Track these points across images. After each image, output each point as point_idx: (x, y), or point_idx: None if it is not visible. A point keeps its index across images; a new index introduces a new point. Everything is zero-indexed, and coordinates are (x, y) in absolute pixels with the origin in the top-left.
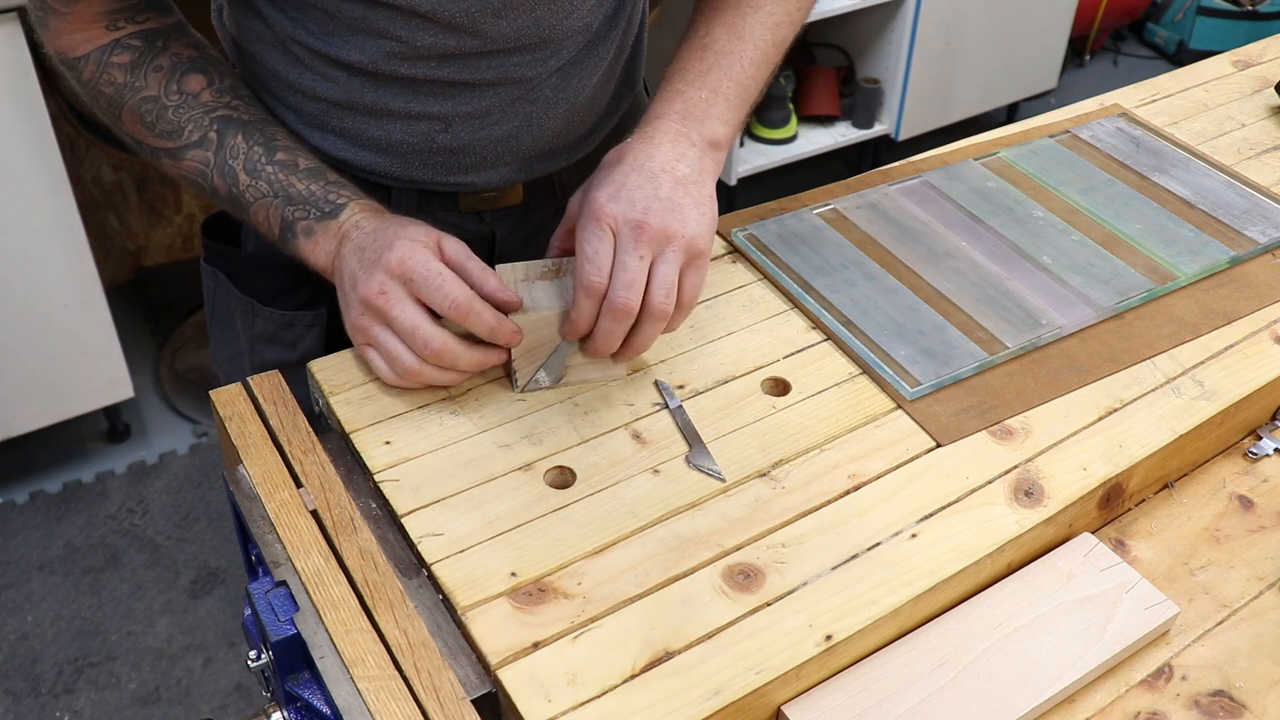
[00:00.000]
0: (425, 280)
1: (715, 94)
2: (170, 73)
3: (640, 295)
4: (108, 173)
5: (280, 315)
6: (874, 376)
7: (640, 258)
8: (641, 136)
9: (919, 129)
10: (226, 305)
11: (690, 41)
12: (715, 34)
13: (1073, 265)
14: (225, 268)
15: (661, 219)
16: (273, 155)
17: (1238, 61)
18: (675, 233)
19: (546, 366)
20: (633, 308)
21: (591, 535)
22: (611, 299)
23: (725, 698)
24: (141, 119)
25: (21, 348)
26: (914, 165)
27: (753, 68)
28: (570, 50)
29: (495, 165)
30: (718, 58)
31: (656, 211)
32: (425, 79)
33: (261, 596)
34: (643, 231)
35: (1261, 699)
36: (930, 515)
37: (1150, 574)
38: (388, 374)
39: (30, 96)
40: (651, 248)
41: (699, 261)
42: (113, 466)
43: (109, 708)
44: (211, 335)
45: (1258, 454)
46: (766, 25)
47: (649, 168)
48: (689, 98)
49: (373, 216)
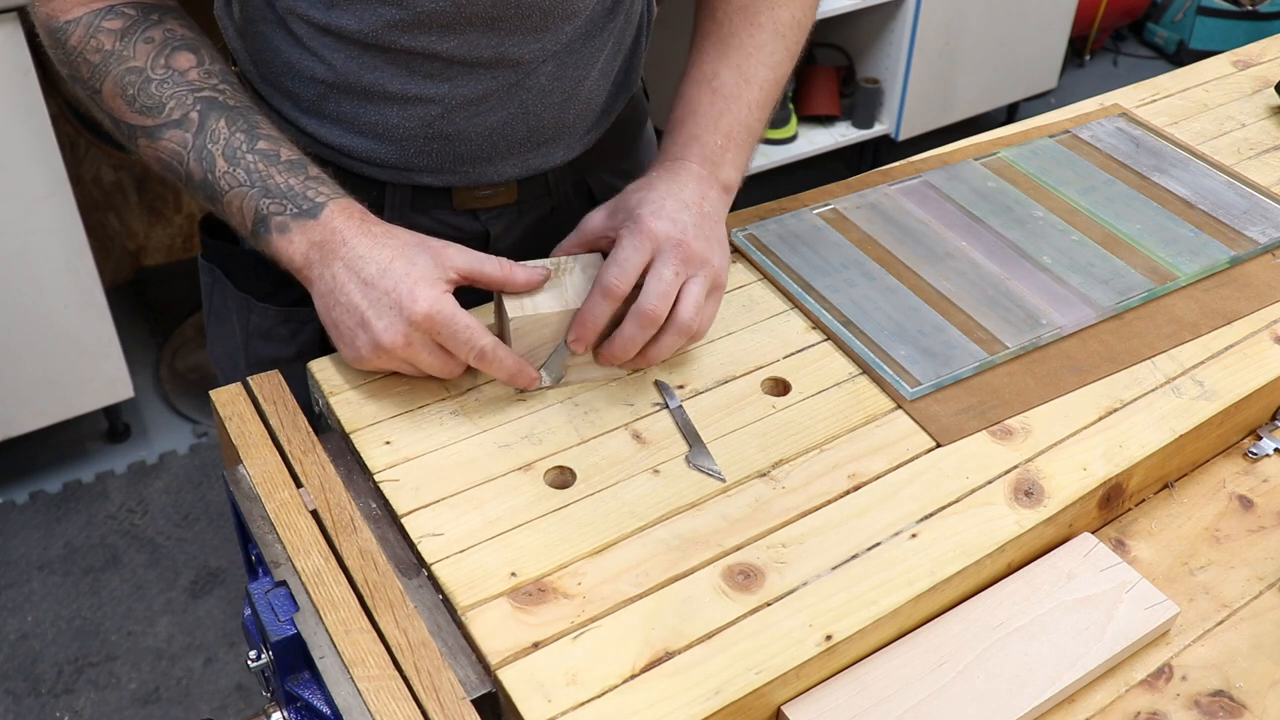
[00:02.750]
0: (453, 335)
1: (729, 140)
2: (161, 46)
3: (669, 307)
4: (108, 173)
5: (275, 311)
6: (874, 376)
7: (676, 274)
8: (668, 172)
9: (919, 129)
10: (223, 301)
11: (698, 83)
12: (723, 76)
13: (1073, 265)
14: (222, 264)
15: (700, 244)
16: (254, 143)
17: (1238, 61)
18: (708, 259)
19: (547, 366)
20: (659, 317)
21: (591, 535)
22: (642, 305)
23: (725, 698)
24: (123, 92)
25: (21, 348)
26: (914, 165)
27: (759, 110)
28: (568, 35)
29: (491, 157)
30: (727, 103)
31: (695, 237)
32: (423, 53)
33: (261, 596)
34: (682, 250)
35: (1261, 699)
36: (930, 515)
37: (1150, 574)
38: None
39: (30, 96)
40: (688, 268)
41: (719, 294)
42: (113, 466)
43: (109, 708)
44: (209, 331)
45: (1258, 454)
46: (769, 65)
47: (683, 198)
48: (705, 143)
49: (358, 228)
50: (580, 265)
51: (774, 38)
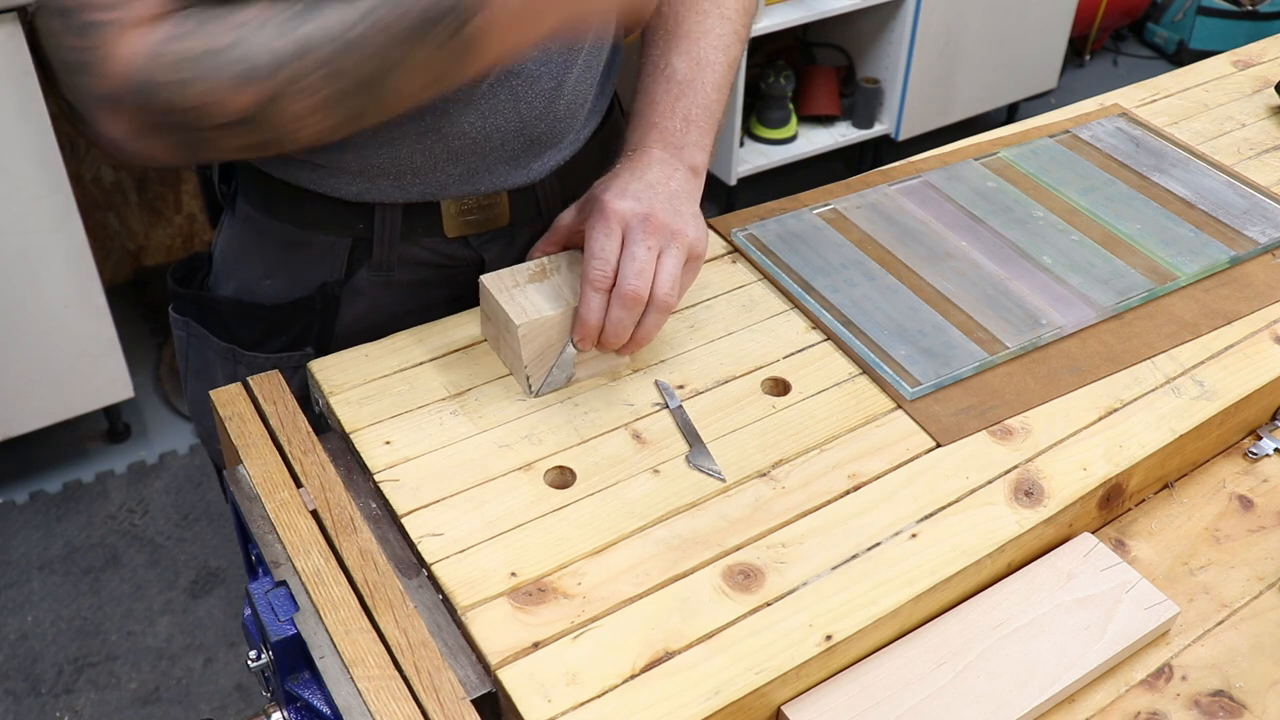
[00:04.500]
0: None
1: (688, 123)
2: (203, 20)
3: (649, 284)
4: (108, 173)
5: (265, 360)
6: (874, 376)
7: (648, 248)
8: (630, 161)
9: (919, 129)
10: (203, 355)
11: (652, 75)
12: (675, 64)
13: (1073, 265)
14: (198, 315)
15: (667, 215)
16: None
17: (1238, 61)
18: (679, 230)
19: (558, 366)
20: (642, 295)
21: (591, 535)
22: (622, 287)
23: (725, 698)
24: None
25: (21, 348)
26: (914, 165)
27: (715, 91)
28: None
29: (484, 155)
30: (682, 88)
31: (661, 209)
32: None
33: (261, 596)
34: (650, 224)
35: (1261, 699)
36: (930, 515)
37: (1150, 574)
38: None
39: (30, 96)
40: (658, 241)
41: (696, 264)
42: (113, 466)
43: (109, 708)
44: (187, 386)
45: (1258, 454)
46: (719, 48)
47: (647, 179)
48: (664, 128)
49: None
50: (565, 262)
51: (720, 21)
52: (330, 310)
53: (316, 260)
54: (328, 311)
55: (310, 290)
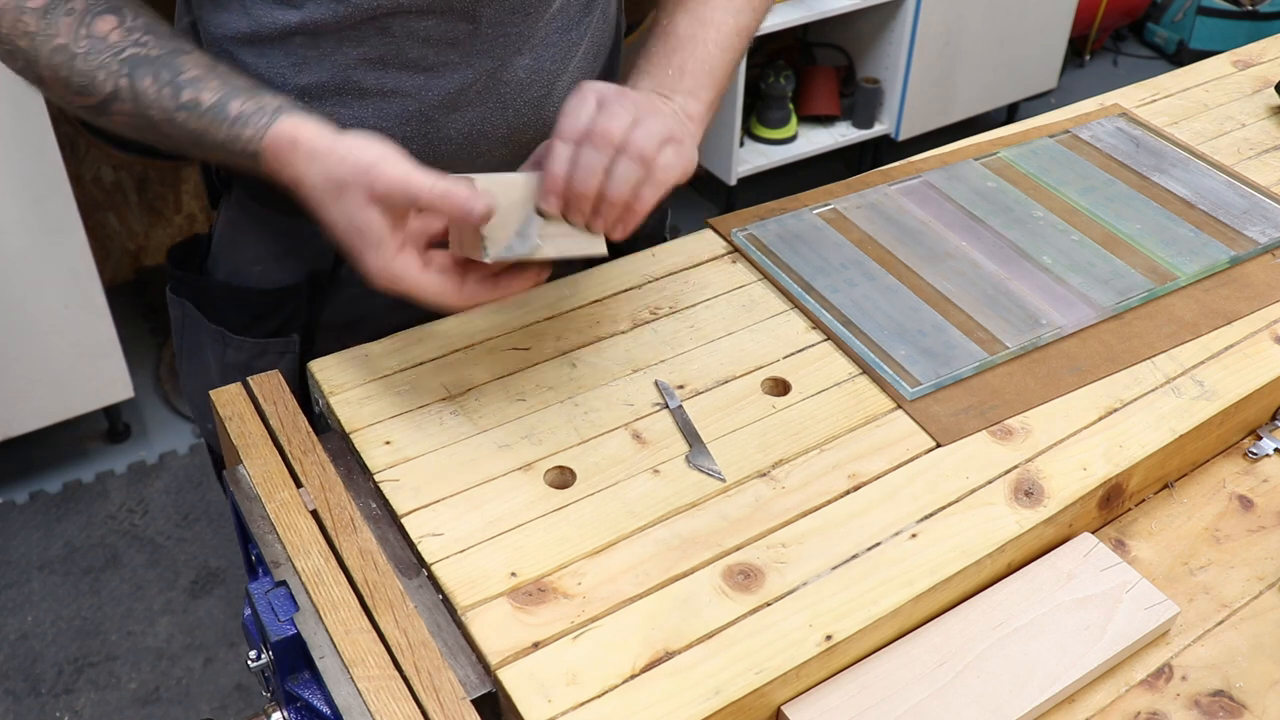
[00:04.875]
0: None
1: (681, 72)
2: (82, 15)
3: (622, 128)
4: (108, 173)
5: (253, 344)
6: (874, 376)
7: (626, 110)
8: None
9: (919, 129)
10: (196, 336)
11: (655, 35)
12: (677, 21)
13: (1073, 265)
14: (193, 297)
15: (647, 97)
16: (179, 97)
17: (1238, 61)
18: (659, 109)
19: (519, 234)
20: (613, 135)
21: (591, 535)
22: (594, 128)
23: (725, 698)
24: (56, 74)
25: (21, 348)
26: (914, 165)
27: (717, 49)
28: (544, 25)
29: (472, 159)
30: (681, 41)
31: (643, 99)
32: (400, 37)
33: (261, 596)
34: (627, 96)
35: (1261, 699)
36: (930, 515)
37: (1150, 574)
38: None
39: (30, 96)
40: (636, 111)
41: (678, 147)
42: (113, 466)
43: (109, 708)
44: (181, 367)
45: (1258, 454)
46: (728, 10)
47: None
48: (656, 76)
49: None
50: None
51: None
52: (318, 298)
53: (305, 248)
54: (315, 299)
55: (299, 277)
